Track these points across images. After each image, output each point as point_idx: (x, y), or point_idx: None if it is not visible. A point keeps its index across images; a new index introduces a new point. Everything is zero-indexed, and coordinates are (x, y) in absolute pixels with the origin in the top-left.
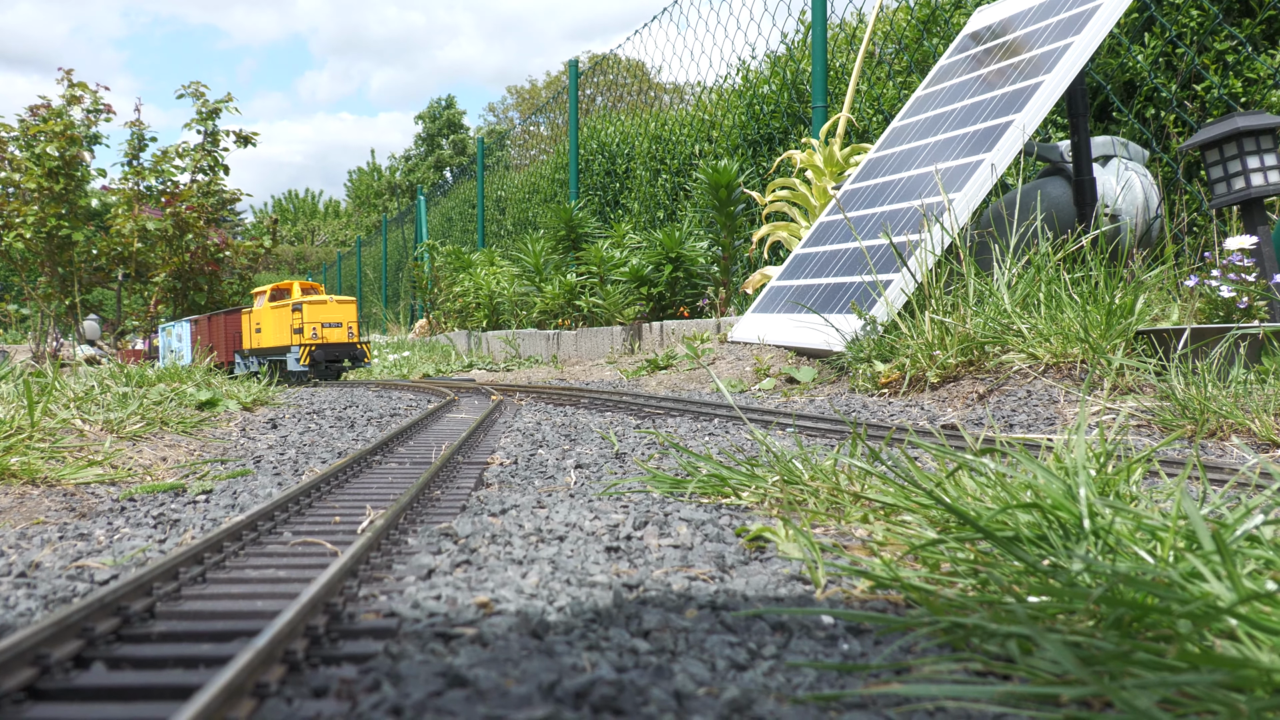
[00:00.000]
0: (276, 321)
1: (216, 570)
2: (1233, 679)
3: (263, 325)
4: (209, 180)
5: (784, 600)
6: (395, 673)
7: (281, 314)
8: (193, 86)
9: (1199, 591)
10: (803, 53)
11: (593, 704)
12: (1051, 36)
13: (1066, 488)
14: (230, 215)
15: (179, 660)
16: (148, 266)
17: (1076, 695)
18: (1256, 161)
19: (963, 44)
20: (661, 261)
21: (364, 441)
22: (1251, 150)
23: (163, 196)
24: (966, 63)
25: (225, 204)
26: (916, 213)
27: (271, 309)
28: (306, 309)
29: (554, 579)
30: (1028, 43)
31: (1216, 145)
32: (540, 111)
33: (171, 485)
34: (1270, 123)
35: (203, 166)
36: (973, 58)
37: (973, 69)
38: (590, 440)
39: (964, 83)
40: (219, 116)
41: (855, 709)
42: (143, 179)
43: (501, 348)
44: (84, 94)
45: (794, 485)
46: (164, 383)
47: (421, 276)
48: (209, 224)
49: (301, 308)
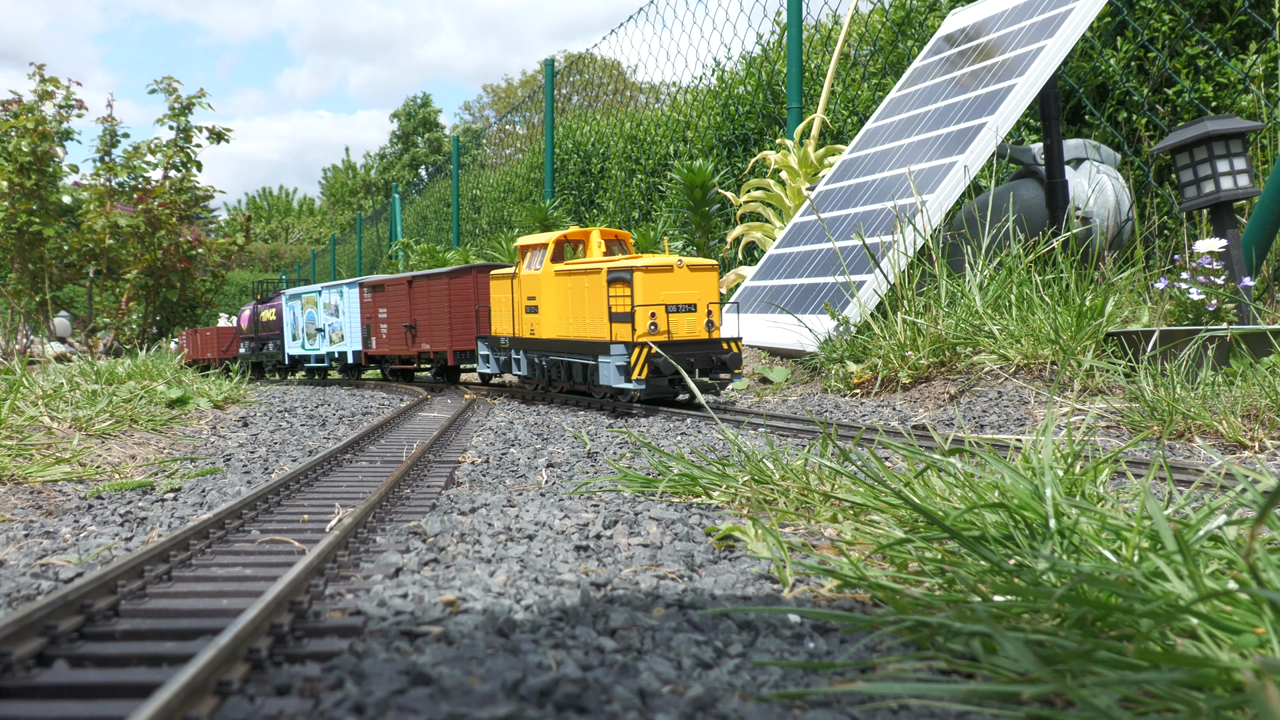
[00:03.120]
0: (575, 296)
1: (183, 568)
2: (1192, 677)
3: (544, 300)
4: (182, 177)
5: (752, 599)
6: (359, 671)
7: (588, 286)
8: (165, 82)
9: (1161, 591)
10: (778, 54)
11: (556, 702)
12: (1025, 39)
13: (1033, 488)
14: (203, 212)
15: (142, 658)
16: (119, 263)
17: (1037, 693)
18: (1226, 165)
19: (937, 46)
20: None
21: (335, 440)
22: (1221, 154)
23: (135, 193)
24: (941, 65)
25: (198, 200)
26: (890, 214)
27: (564, 274)
28: (641, 281)
29: (522, 577)
30: (1001, 45)
31: (1187, 149)
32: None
33: (140, 483)
34: (1240, 127)
35: (175, 163)
36: (947, 60)
37: (947, 71)
38: (563, 439)
39: (938, 85)
40: (192, 112)
41: (819, 707)
42: (115, 175)
43: None
44: (56, 89)
45: (764, 485)
46: (134, 380)
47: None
48: (182, 221)
49: (631, 278)
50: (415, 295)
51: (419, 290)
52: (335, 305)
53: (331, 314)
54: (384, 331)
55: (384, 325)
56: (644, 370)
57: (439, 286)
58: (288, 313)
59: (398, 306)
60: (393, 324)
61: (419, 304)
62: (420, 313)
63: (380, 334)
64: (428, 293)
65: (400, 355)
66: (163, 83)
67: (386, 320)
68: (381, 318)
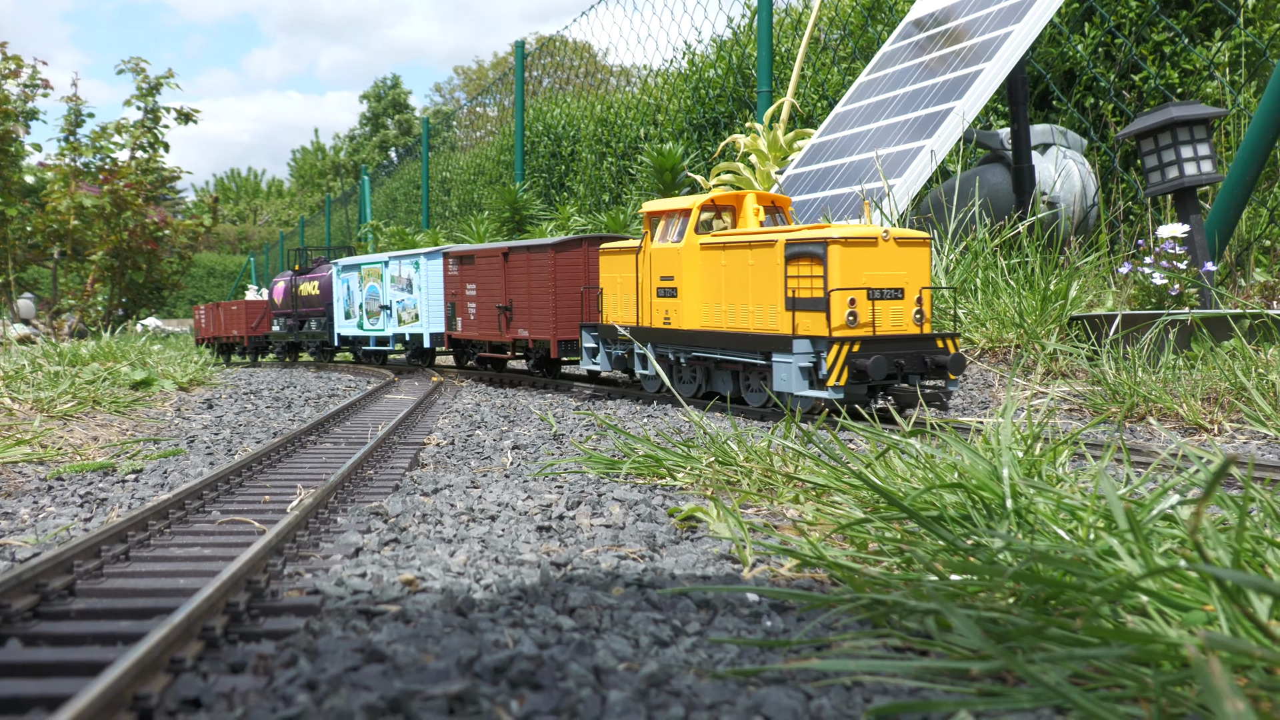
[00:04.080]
0: (734, 276)
1: (141, 549)
2: (1140, 653)
3: (685, 280)
4: (148, 157)
5: (711, 579)
6: (314, 648)
7: (756, 264)
8: (133, 62)
9: (1113, 569)
10: (748, 37)
11: (511, 679)
12: (992, 24)
13: (991, 469)
14: (170, 193)
15: (97, 637)
16: (84, 244)
17: (987, 669)
18: (1190, 151)
19: (905, 30)
20: None
21: (300, 422)
22: (1185, 140)
23: (100, 173)
24: (909, 49)
25: (165, 181)
26: (857, 198)
27: (716, 248)
28: (839, 257)
29: (483, 557)
30: (969, 30)
31: (1151, 135)
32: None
33: (101, 464)
34: (1204, 113)
35: (142, 143)
36: (915, 44)
37: (915, 55)
38: (529, 422)
39: (906, 69)
40: (159, 93)
41: (774, 684)
42: (80, 155)
43: None
44: (20, 68)
45: (728, 466)
46: (98, 362)
47: None
48: (148, 202)
49: (825, 253)
50: (512, 271)
51: (516, 265)
52: (407, 279)
53: (402, 289)
54: (472, 312)
55: (472, 304)
56: (843, 374)
57: (542, 261)
58: (339, 286)
59: (490, 283)
60: (483, 304)
61: (516, 281)
62: (518, 291)
63: (468, 314)
64: (527, 268)
65: (491, 341)
66: (130, 63)
67: (476, 299)
68: (470, 295)
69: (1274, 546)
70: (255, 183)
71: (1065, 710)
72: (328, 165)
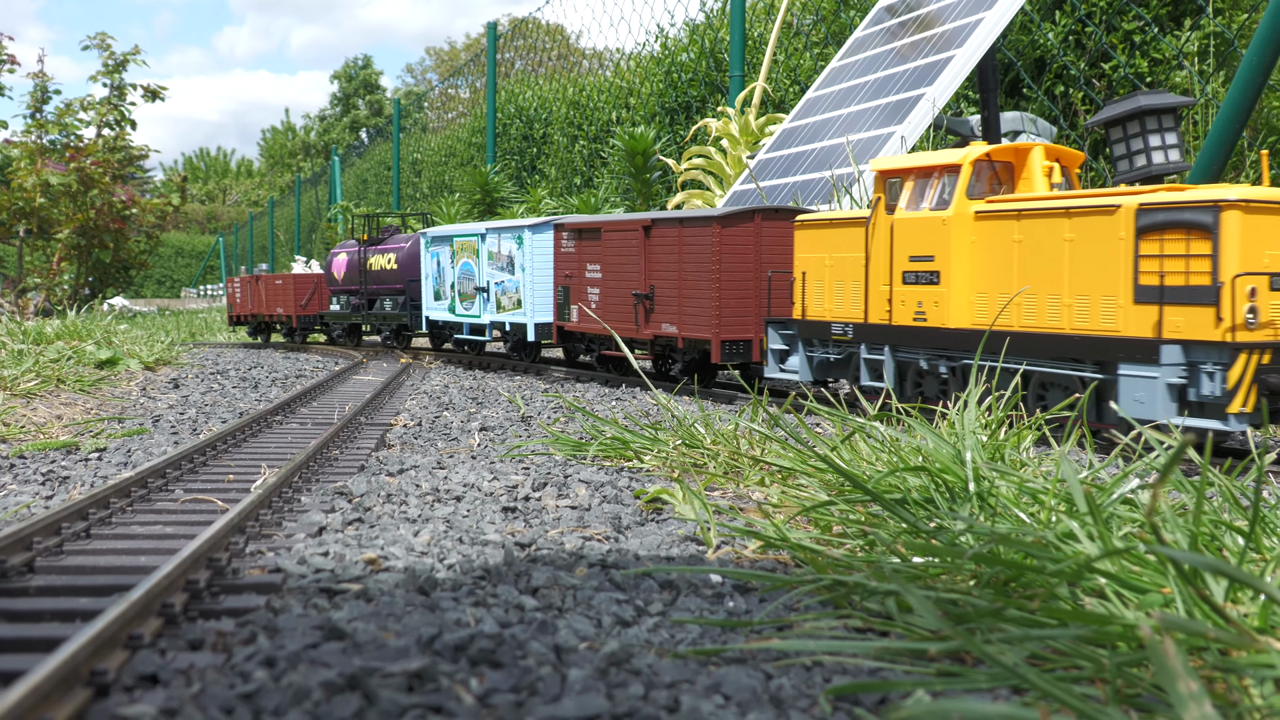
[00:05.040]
0: (1043, 256)
1: (102, 526)
2: (1097, 634)
3: (954, 261)
4: (115, 135)
5: (675, 560)
6: (273, 626)
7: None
8: (99, 38)
9: (1072, 551)
10: (721, 21)
11: (470, 657)
12: (964, 11)
13: (955, 452)
14: (138, 172)
15: (55, 614)
16: (51, 222)
17: (944, 649)
18: (1158, 140)
19: (878, 16)
20: None
21: (267, 402)
22: (1153, 129)
23: (67, 151)
24: (881, 35)
25: (132, 160)
26: (828, 183)
27: (1007, 217)
28: (1240, 228)
29: (447, 537)
30: (941, 17)
31: (1120, 123)
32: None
33: (64, 443)
34: (1172, 102)
35: (109, 121)
36: (887, 30)
37: (887, 41)
38: (498, 403)
39: (878, 55)
40: (126, 70)
41: (734, 664)
42: (46, 132)
43: None
44: None
45: (695, 449)
46: (63, 340)
47: (335, 238)
48: (115, 180)
49: (1215, 224)
50: (655, 249)
51: (662, 242)
52: (508, 256)
53: (501, 267)
54: (593, 299)
55: (593, 290)
56: (1250, 395)
57: (701, 238)
58: (427, 261)
59: (621, 264)
60: (610, 289)
61: (660, 263)
62: (661, 276)
63: (587, 301)
64: (677, 246)
65: (624, 337)
66: (96, 39)
67: (600, 283)
68: (591, 278)
69: (1232, 530)
70: (224, 162)
71: (1023, 690)
72: (298, 145)
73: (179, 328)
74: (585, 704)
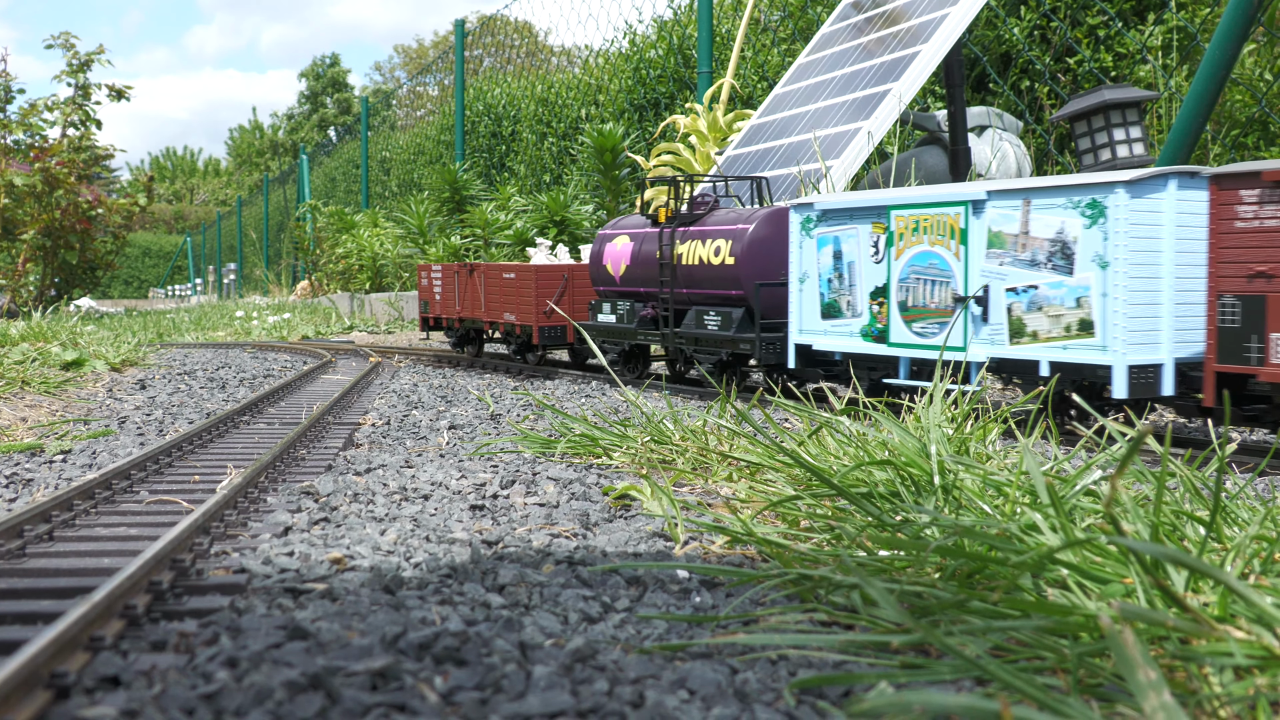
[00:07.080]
0: None
1: (65, 528)
2: (1059, 625)
3: None
4: (80, 135)
5: (643, 556)
6: (237, 626)
7: None
8: (62, 37)
9: (1035, 543)
10: (689, 18)
11: (435, 655)
12: (930, 6)
13: (920, 446)
14: (104, 172)
15: (16, 616)
16: (15, 223)
17: (907, 642)
18: (1122, 134)
19: (844, 12)
20: (547, 225)
21: (234, 402)
22: (1118, 123)
23: (31, 151)
24: (848, 31)
25: (98, 160)
26: (796, 179)
27: None
28: None
29: (413, 536)
30: (906, 12)
31: (1085, 117)
32: (427, 72)
33: (29, 445)
34: (1136, 96)
35: (74, 120)
36: (854, 26)
37: (853, 37)
38: (467, 402)
39: (844, 50)
40: (90, 69)
41: (700, 658)
42: (10, 132)
43: (384, 310)
44: None
45: (664, 445)
46: (28, 342)
47: (304, 237)
48: (81, 180)
49: None
50: None
51: None
52: (1057, 238)
53: (1031, 262)
54: None
55: None
56: None
57: None
58: (804, 250)
59: None
60: None
61: None
62: None
63: None
64: None
65: None
66: (59, 38)
67: None
68: None
69: (1193, 520)
70: (192, 162)
71: (985, 681)
72: (266, 144)
73: (146, 328)
74: (550, 700)
